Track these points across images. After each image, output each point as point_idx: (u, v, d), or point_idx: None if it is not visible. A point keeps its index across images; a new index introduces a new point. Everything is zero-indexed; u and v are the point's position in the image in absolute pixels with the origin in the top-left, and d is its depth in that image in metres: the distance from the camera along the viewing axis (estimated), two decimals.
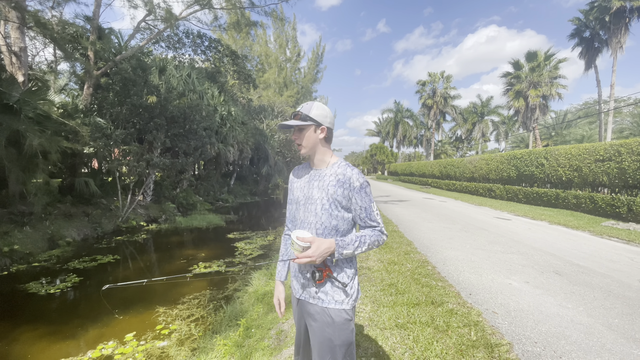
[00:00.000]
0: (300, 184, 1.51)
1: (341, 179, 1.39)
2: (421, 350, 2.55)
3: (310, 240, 1.29)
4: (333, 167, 1.45)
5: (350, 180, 1.38)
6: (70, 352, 3.60)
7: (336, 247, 1.32)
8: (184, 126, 12.87)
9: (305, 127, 1.41)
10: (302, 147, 1.44)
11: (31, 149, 7.13)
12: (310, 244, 1.28)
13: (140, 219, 11.18)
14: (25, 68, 8.98)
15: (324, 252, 1.29)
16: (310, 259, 1.26)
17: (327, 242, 1.30)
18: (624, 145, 9.06)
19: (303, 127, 1.41)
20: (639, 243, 6.39)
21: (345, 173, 1.40)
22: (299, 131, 1.44)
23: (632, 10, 20.19)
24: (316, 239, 1.30)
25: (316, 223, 1.40)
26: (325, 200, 1.38)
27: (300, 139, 1.43)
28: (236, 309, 4.38)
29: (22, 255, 6.84)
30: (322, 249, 1.29)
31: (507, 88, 27.15)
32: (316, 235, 1.39)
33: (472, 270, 4.64)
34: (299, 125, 1.40)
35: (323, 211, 1.39)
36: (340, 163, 1.46)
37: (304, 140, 1.43)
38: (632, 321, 3.08)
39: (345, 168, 1.42)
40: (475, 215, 10.17)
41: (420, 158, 52.58)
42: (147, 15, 11.75)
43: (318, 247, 1.28)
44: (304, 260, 1.27)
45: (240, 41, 29.81)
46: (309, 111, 1.41)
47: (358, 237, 1.38)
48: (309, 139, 1.43)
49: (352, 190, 1.38)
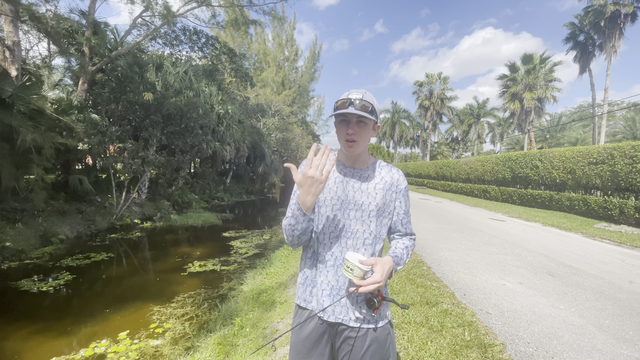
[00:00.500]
0: (328, 183, 1.25)
1: (388, 181, 1.26)
2: (415, 350, 2.57)
3: (373, 262, 1.09)
4: (376, 168, 1.29)
5: (397, 183, 1.27)
6: (62, 350, 3.57)
7: (394, 265, 1.17)
8: (180, 124, 12.79)
9: (369, 122, 1.17)
10: (355, 145, 1.17)
11: (24, 144, 7.05)
12: (372, 266, 1.09)
13: (135, 216, 11.09)
14: (19, 62, 8.86)
15: (388, 275, 1.11)
16: (378, 284, 1.06)
17: (388, 262, 1.13)
18: (617, 149, 9.17)
19: (367, 121, 1.16)
20: (630, 245, 6.48)
21: (392, 175, 1.27)
22: (360, 125, 1.16)
23: (626, 15, 20.44)
24: (378, 260, 1.10)
25: (364, 232, 1.21)
26: (374, 205, 1.21)
27: (358, 134, 1.16)
28: (231, 308, 4.37)
29: (14, 252, 6.75)
30: (387, 271, 1.10)
31: (503, 90, 27.34)
32: (363, 246, 1.21)
33: (467, 271, 4.67)
34: (365, 118, 1.14)
35: (372, 218, 1.21)
36: (380, 163, 1.32)
37: (363, 136, 1.17)
38: (623, 322, 3.12)
39: (390, 169, 1.29)
40: (470, 216, 10.24)
41: (417, 159, 52.82)
42: (144, 11, 11.64)
43: (383, 269, 1.08)
44: (372, 287, 1.05)
45: (239, 39, 29.70)
46: (373, 102, 1.16)
47: (405, 249, 1.25)
48: (367, 136, 1.19)
49: (398, 193, 1.27)
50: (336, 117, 1.18)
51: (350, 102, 1.12)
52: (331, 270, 1.21)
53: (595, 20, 21.37)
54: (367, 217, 1.21)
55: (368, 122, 1.16)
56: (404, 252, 1.23)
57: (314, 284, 1.26)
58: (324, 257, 1.23)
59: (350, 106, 1.12)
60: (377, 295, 1.12)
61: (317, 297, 1.24)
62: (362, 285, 1.05)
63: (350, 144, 1.17)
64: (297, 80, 37.97)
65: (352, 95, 1.14)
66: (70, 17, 10.66)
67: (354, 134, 1.15)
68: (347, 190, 1.23)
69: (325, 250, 1.23)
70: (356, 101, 1.12)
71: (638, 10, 20.15)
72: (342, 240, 1.21)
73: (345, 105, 1.13)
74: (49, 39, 10.44)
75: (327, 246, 1.23)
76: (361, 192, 1.22)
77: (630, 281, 4.31)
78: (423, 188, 24.89)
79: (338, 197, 1.22)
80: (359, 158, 1.25)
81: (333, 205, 1.22)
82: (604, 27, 21.10)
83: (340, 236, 1.21)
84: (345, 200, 1.22)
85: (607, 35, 21.23)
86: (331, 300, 1.21)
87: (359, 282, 1.06)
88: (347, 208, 1.21)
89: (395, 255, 1.20)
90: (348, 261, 1.07)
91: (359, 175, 1.25)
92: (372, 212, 1.21)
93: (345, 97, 1.14)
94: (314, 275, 1.26)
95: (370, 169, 1.27)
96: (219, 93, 16.70)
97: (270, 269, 5.67)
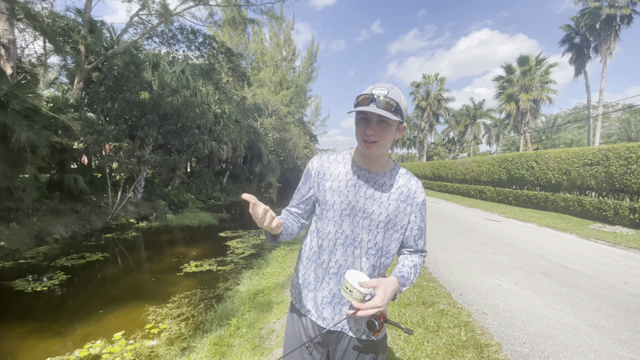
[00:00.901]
0: (338, 185, 1.14)
1: (405, 192, 1.14)
2: (412, 350, 2.57)
3: (374, 284, 0.99)
4: (394, 175, 1.16)
5: (414, 195, 1.15)
6: (57, 350, 3.54)
7: (399, 287, 1.07)
8: (176, 123, 12.74)
9: (392, 123, 1.03)
10: (374, 147, 1.05)
11: (19, 143, 6.98)
12: (373, 289, 0.99)
13: (131, 216, 11.03)
14: (14, 61, 8.78)
15: (390, 297, 1.02)
16: (379, 309, 0.98)
17: (392, 284, 1.03)
18: (611, 150, 9.25)
19: (390, 122, 1.03)
20: (625, 246, 6.53)
21: (410, 186, 1.16)
22: (382, 125, 1.03)
23: (622, 17, 20.65)
24: (380, 282, 1.00)
25: (369, 242, 1.11)
26: (384, 216, 1.11)
27: (379, 135, 1.03)
28: (227, 308, 4.35)
29: (8, 251, 6.68)
30: (389, 294, 1.01)
31: (500, 91, 27.52)
32: (367, 258, 1.12)
33: (463, 271, 4.69)
34: (388, 119, 1.01)
35: (379, 230, 1.11)
36: (400, 170, 1.19)
37: (384, 138, 1.04)
38: (618, 322, 3.15)
39: (409, 179, 1.17)
40: (467, 217, 10.28)
41: (413, 159, 52.99)
42: (140, 10, 11.57)
43: (385, 292, 0.99)
44: (371, 312, 0.97)
45: (236, 38, 29.64)
46: (399, 100, 1.02)
47: (412, 268, 1.14)
48: (390, 137, 1.06)
49: (414, 207, 1.15)
50: (356, 114, 1.05)
51: (373, 98, 0.99)
52: (334, 278, 1.14)
53: (591, 23, 21.56)
54: (375, 228, 1.11)
55: (391, 122, 1.02)
56: (411, 272, 1.13)
57: (313, 288, 1.19)
58: (327, 264, 1.15)
59: (372, 103, 0.99)
60: (378, 317, 1.04)
61: (315, 303, 1.17)
62: (361, 309, 0.97)
63: (369, 145, 1.04)
64: (294, 80, 37.97)
65: (376, 90, 1.00)
66: (66, 15, 10.59)
67: (374, 135, 1.03)
68: (359, 196, 1.12)
69: (330, 256, 1.15)
70: (380, 97, 0.99)
71: (634, 12, 20.35)
72: (347, 248, 1.12)
73: (366, 101, 1.00)
74: (44, 37, 10.35)
75: (331, 252, 1.14)
76: (373, 199, 1.12)
77: (625, 282, 4.35)
78: None
79: (349, 202, 1.12)
80: (377, 161, 1.14)
81: (342, 209, 1.12)
82: (599, 30, 21.30)
83: (346, 244, 1.12)
84: (356, 206, 1.12)
85: (603, 37, 21.43)
86: (332, 309, 1.15)
87: (357, 305, 0.98)
88: (356, 215, 1.12)
89: (401, 275, 1.10)
90: (347, 282, 1.00)
91: (374, 181, 1.14)
92: (382, 222, 1.11)
93: (369, 92, 1.01)
94: (314, 280, 1.18)
95: (387, 176, 1.15)
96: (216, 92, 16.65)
97: (267, 270, 5.65)
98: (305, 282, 1.21)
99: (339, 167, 1.18)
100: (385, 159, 1.16)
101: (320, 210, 1.17)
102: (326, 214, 1.15)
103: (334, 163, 1.19)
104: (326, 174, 1.17)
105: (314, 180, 1.20)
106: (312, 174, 1.20)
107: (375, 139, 1.04)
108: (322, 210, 1.16)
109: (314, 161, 1.22)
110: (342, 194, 1.13)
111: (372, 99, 0.99)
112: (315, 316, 1.17)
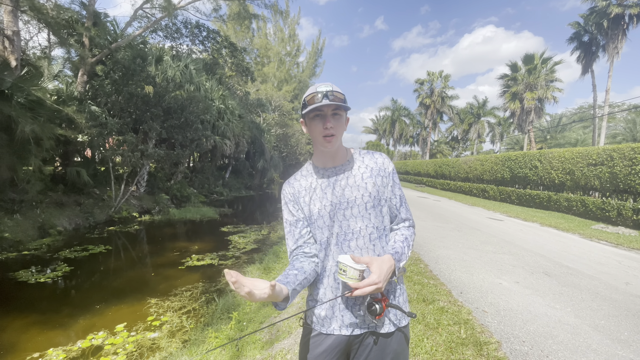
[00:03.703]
0: (314, 193, 1.17)
1: (374, 167, 1.18)
2: (412, 346, 2.58)
3: (367, 261, 0.98)
4: (357, 158, 1.21)
5: (383, 166, 1.19)
6: (59, 341, 3.58)
7: (395, 262, 1.05)
8: (180, 117, 12.75)
9: (343, 114, 1.11)
10: (334, 140, 1.09)
11: (23, 135, 7.02)
12: (367, 265, 0.98)
13: (133, 209, 11.09)
14: (18, 53, 8.80)
15: (388, 273, 1.00)
16: (376, 286, 0.95)
17: (387, 260, 1.02)
18: (616, 150, 9.18)
19: (342, 113, 1.10)
20: (627, 247, 6.50)
21: (376, 160, 1.20)
22: (336, 117, 1.09)
23: (630, 16, 20.38)
24: (374, 259, 1.00)
25: (366, 227, 1.12)
26: (367, 197, 1.13)
27: (336, 127, 1.09)
28: (228, 302, 4.38)
29: (11, 243, 6.75)
30: (386, 270, 0.99)
31: (504, 90, 27.29)
32: (370, 242, 1.12)
33: (464, 269, 4.69)
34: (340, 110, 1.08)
35: (369, 211, 1.12)
36: (360, 151, 1.24)
37: (340, 130, 1.11)
38: (618, 323, 3.14)
39: (372, 154, 1.22)
40: (469, 215, 10.26)
41: (416, 157, 52.81)
42: (145, 3, 11.56)
43: (380, 267, 0.98)
44: (369, 289, 0.94)
45: (241, 33, 29.52)
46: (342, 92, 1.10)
47: (404, 242, 1.13)
48: (343, 129, 1.12)
49: (387, 177, 1.18)
50: (309, 113, 1.08)
51: (325, 94, 1.05)
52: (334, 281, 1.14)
53: (600, 21, 21.29)
54: (365, 211, 1.12)
55: (342, 113, 1.10)
56: (404, 246, 1.12)
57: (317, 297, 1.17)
58: (329, 270, 1.15)
59: (325, 99, 1.04)
60: (379, 300, 1.02)
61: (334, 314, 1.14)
62: (358, 287, 0.94)
63: (329, 139, 1.08)
64: (297, 76, 37.83)
65: (322, 88, 1.06)
66: (71, 8, 10.58)
67: (333, 127, 1.07)
68: (336, 192, 1.14)
69: (330, 261, 1.14)
70: (328, 93, 1.05)
71: None
72: (344, 244, 1.12)
73: (317, 99, 1.05)
74: (49, 29, 10.36)
75: (329, 257, 1.14)
76: (350, 187, 1.14)
77: (627, 282, 4.33)
78: (422, 186, 24.91)
79: (330, 202, 1.13)
80: (337, 154, 1.17)
81: (329, 212, 1.13)
82: (607, 29, 21.04)
83: (342, 241, 1.12)
84: (337, 202, 1.13)
85: (610, 36, 21.17)
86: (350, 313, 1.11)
87: (354, 284, 0.96)
88: (340, 208, 1.12)
89: (395, 251, 1.08)
90: (340, 263, 0.99)
91: (342, 171, 1.17)
92: (368, 203, 1.13)
93: (315, 91, 1.06)
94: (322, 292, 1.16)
95: (352, 161, 1.19)
96: (219, 87, 16.64)
97: (268, 264, 5.68)
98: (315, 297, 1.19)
99: (307, 179, 1.21)
100: (343, 150, 1.19)
101: (310, 224, 1.18)
102: (316, 224, 1.16)
103: (301, 179, 1.22)
104: (300, 192, 1.20)
105: (295, 203, 1.20)
106: (291, 199, 1.21)
107: (333, 132, 1.08)
108: (312, 223, 1.17)
109: (285, 189, 1.24)
110: (322, 198, 1.15)
111: (324, 95, 1.05)
112: (338, 328, 1.12)
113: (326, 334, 1.13)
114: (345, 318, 1.11)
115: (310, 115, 1.08)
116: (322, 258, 1.16)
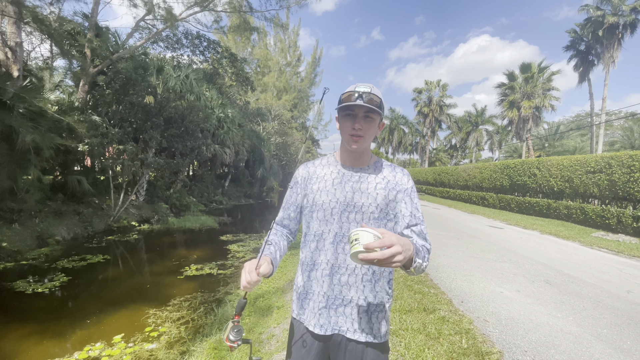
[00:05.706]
0: (324, 185, 1.17)
1: (391, 180, 1.17)
2: (412, 357, 2.55)
3: (383, 231, 0.87)
4: (378, 167, 1.20)
5: (401, 182, 1.17)
6: (56, 352, 3.53)
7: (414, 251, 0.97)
8: (180, 127, 12.81)
9: (376, 118, 1.10)
10: (361, 141, 1.10)
11: (24, 144, 7.04)
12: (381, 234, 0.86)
13: (132, 218, 11.05)
14: (20, 63, 8.89)
15: (407, 250, 0.89)
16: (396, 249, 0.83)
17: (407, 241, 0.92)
18: (614, 158, 9.22)
19: (374, 116, 1.10)
20: (628, 254, 6.48)
21: (395, 174, 1.19)
22: (367, 120, 1.09)
23: (625, 25, 20.71)
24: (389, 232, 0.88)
25: None
26: (374, 207, 1.12)
27: (365, 129, 1.09)
28: (227, 312, 4.33)
29: (9, 252, 6.70)
30: (405, 245, 0.88)
31: (502, 98, 27.53)
32: None
33: (465, 278, 4.66)
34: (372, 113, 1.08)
35: (372, 222, 1.12)
36: (383, 162, 1.23)
37: (369, 132, 1.11)
38: (620, 331, 3.12)
39: (394, 168, 1.21)
40: (468, 223, 10.24)
41: (415, 165, 52.95)
42: (146, 15, 11.72)
43: (399, 239, 0.87)
44: (389, 251, 0.82)
45: (241, 44, 29.87)
46: (381, 97, 1.09)
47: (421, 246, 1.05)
48: (374, 132, 1.12)
49: (402, 193, 1.15)
50: (341, 111, 1.11)
51: (359, 95, 1.05)
52: (327, 280, 1.13)
53: (595, 30, 21.63)
54: (368, 220, 1.12)
55: (375, 117, 1.10)
56: (420, 249, 1.02)
57: (307, 294, 1.18)
58: (319, 265, 1.15)
59: (358, 99, 1.05)
60: None
61: (311, 310, 1.15)
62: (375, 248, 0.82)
63: (356, 139, 1.09)
64: (297, 86, 38.14)
65: (360, 88, 1.07)
66: (73, 20, 10.74)
67: (361, 129, 1.08)
68: (346, 192, 1.15)
69: (321, 256, 1.14)
70: (364, 94, 1.05)
71: (638, 21, 20.38)
72: (340, 245, 1.12)
73: (352, 98, 1.06)
74: (51, 40, 10.49)
75: (322, 252, 1.14)
76: (361, 192, 1.14)
77: (628, 290, 4.31)
78: (421, 194, 24.91)
79: (337, 200, 1.14)
80: (361, 156, 1.18)
81: (332, 208, 1.14)
82: (602, 38, 21.35)
83: (337, 241, 1.12)
84: (344, 202, 1.13)
85: (606, 45, 21.47)
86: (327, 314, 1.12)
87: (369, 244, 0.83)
88: (345, 210, 1.13)
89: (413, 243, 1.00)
90: (351, 234, 0.88)
91: (359, 175, 1.17)
92: (373, 214, 1.12)
93: (353, 90, 1.08)
94: (308, 284, 1.18)
95: (372, 168, 1.19)
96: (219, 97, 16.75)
97: None
98: (300, 288, 1.21)
99: (324, 169, 1.23)
100: (368, 153, 1.20)
101: (309, 212, 1.19)
102: (316, 215, 1.17)
103: (319, 167, 1.24)
104: (312, 178, 1.22)
105: (301, 187, 1.24)
106: (299, 180, 1.25)
107: (361, 134, 1.09)
108: (311, 212, 1.18)
109: (300, 169, 1.28)
110: (330, 192, 1.16)
111: (359, 96, 1.05)
112: (312, 324, 1.14)
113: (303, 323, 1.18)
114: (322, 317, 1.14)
115: (342, 112, 1.11)
116: (313, 249, 1.17)
